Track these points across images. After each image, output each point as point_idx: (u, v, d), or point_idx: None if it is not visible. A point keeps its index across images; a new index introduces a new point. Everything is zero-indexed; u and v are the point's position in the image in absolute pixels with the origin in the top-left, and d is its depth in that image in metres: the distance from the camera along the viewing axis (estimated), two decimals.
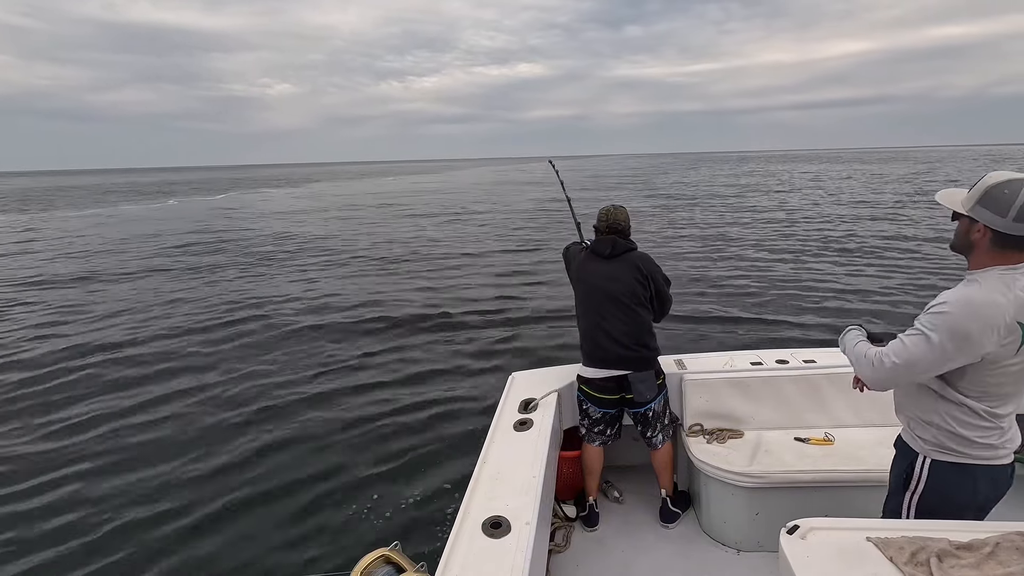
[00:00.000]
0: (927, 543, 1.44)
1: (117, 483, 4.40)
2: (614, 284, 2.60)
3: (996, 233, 1.45)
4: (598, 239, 2.72)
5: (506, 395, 2.72)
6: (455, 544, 1.66)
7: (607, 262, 2.64)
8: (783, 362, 2.89)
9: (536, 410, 2.53)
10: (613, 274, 2.62)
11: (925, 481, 1.65)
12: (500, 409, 2.57)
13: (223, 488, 4.26)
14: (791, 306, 8.28)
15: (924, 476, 1.65)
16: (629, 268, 2.61)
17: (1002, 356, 1.46)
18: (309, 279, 11.73)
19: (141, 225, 23.28)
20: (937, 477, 1.63)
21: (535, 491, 1.90)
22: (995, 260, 1.48)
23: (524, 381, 2.87)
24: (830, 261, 11.41)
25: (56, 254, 16.08)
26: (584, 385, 2.71)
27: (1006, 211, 1.42)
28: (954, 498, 1.62)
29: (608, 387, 2.65)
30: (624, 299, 2.58)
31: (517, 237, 16.58)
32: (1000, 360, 1.47)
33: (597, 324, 2.62)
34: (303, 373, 6.56)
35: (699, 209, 22.45)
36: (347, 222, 22.60)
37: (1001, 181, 1.45)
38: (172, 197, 42.04)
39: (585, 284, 2.69)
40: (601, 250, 2.66)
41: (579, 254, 2.79)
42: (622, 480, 3.08)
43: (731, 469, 2.46)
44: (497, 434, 2.34)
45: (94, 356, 7.23)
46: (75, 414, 5.61)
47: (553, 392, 2.69)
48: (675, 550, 2.60)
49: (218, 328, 8.30)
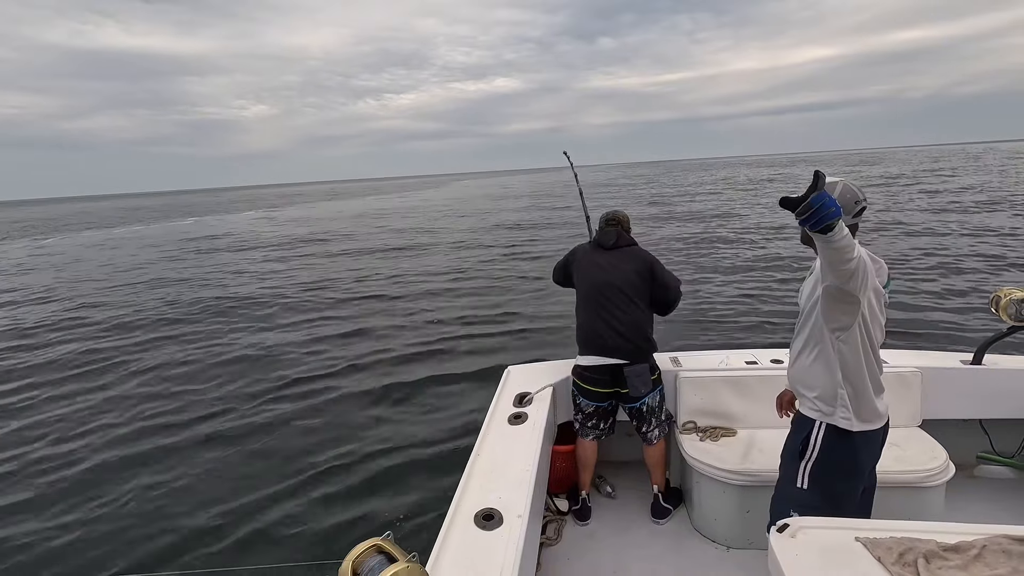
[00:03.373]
0: (915, 544, 1.46)
1: (109, 476, 4.41)
2: (615, 274, 2.64)
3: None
4: (602, 231, 2.79)
5: (501, 389, 2.73)
6: (447, 535, 1.67)
7: (609, 252, 2.70)
8: (778, 361, 2.90)
9: (531, 404, 2.54)
10: (614, 264, 2.66)
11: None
12: (495, 402, 2.58)
13: (214, 479, 4.27)
14: (788, 306, 8.30)
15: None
16: (630, 260, 2.66)
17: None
18: (303, 274, 11.71)
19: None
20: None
21: (528, 484, 1.91)
22: None
23: (519, 375, 2.88)
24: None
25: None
26: (578, 377, 2.72)
27: None
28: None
29: (602, 380, 2.66)
30: (624, 289, 2.61)
31: (509, 237, 16.54)
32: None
33: (595, 313, 2.64)
34: (295, 367, 6.57)
35: (693, 205, 22.43)
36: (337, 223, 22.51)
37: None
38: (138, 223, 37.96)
39: (587, 275, 2.73)
40: (604, 241, 2.72)
41: (580, 246, 2.86)
42: (615, 475, 3.10)
43: (723, 467, 2.47)
44: (491, 427, 2.35)
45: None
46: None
47: (548, 386, 2.70)
48: (666, 546, 2.61)
49: (200, 327, 8.27)
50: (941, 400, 2.77)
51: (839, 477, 1.84)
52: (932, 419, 2.74)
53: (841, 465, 1.83)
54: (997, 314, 2.65)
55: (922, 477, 2.32)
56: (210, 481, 4.21)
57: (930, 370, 2.74)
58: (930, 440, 2.54)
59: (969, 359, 2.85)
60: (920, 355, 2.95)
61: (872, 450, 1.86)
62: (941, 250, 11.32)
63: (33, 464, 4.60)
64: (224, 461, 4.48)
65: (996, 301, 2.65)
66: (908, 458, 2.38)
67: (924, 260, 10.38)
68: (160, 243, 21.94)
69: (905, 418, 2.67)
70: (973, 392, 2.80)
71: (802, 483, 1.87)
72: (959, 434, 2.82)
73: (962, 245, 11.63)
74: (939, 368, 2.79)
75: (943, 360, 2.90)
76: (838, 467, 1.83)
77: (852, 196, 1.72)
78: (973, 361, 2.83)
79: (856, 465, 1.83)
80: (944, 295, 8.15)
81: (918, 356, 2.92)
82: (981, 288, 8.26)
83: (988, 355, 2.84)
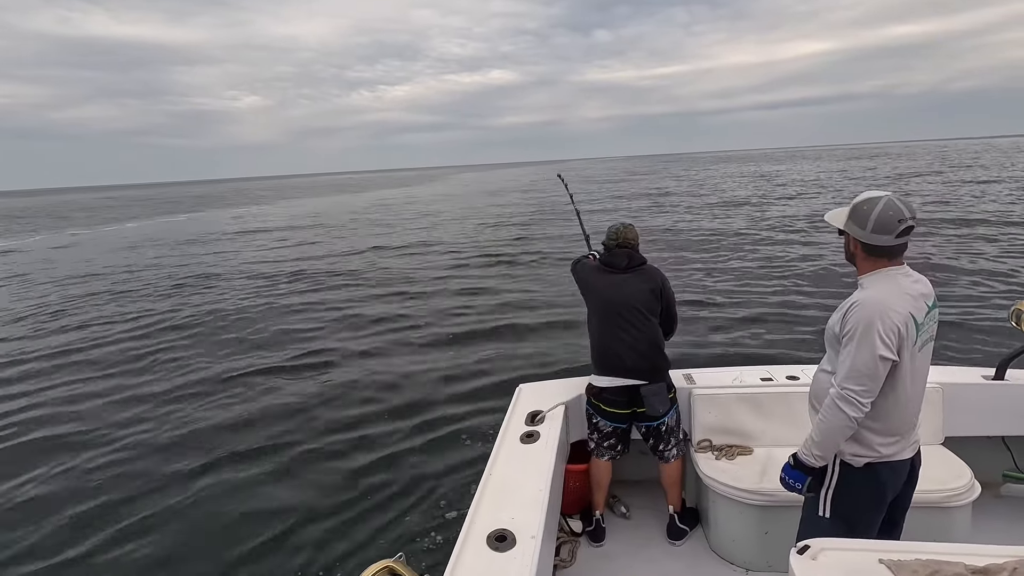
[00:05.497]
0: (941, 567, 1.41)
1: (111, 483, 4.43)
2: (630, 295, 2.62)
3: (863, 244, 1.69)
4: (612, 252, 2.73)
5: (513, 407, 2.71)
6: (460, 557, 1.65)
7: (622, 274, 2.67)
8: (794, 378, 2.86)
9: (543, 423, 2.52)
10: (629, 285, 2.64)
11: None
12: (507, 421, 2.56)
13: (223, 501, 4.26)
14: (802, 320, 8.20)
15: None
16: (644, 280, 2.65)
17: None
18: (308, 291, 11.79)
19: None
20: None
21: (541, 505, 1.88)
22: (873, 266, 1.71)
23: (531, 393, 2.86)
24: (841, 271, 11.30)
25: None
26: (595, 398, 2.70)
27: (865, 224, 1.66)
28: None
29: (619, 401, 2.63)
30: (641, 308, 2.60)
31: (516, 246, 16.55)
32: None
33: (612, 334, 2.62)
34: (304, 385, 6.58)
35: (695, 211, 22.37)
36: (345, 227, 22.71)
37: (863, 199, 1.69)
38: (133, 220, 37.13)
39: (600, 295, 2.70)
40: (617, 263, 2.68)
41: (589, 266, 2.81)
42: (629, 495, 3.05)
43: (740, 486, 2.43)
44: (503, 446, 2.33)
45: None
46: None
47: (560, 404, 2.67)
48: (682, 568, 2.56)
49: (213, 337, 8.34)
50: (964, 417, 2.70)
51: (861, 506, 1.79)
52: (955, 436, 2.67)
53: (862, 494, 1.78)
54: (1018, 327, 2.60)
55: (947, 496, 2.26)
56: (216, 505, 4.20)
57: (952, 386, 2.68)
58: (954, 458, 2.48)
59: (991, 374, 2.79)
60: (941, 371, 2.88)
61: (896, 479, 1.80)
62: (959, 257, 11.16)
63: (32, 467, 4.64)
64: (230, 484, 4.46)
65: (1017, 315, 2.60)
66: (932, 477, 2.32)
67: (943, 271, 10.22)
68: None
69: (927, 436, 2.61)
70: (996, 408, 2.73)
71: (824, 511, 1.82)
72: (982, 452, 2.75)
73: (979, 252, 11.45)
74: (961, 384, 2.73)
75: (965, 376, 2.84)
76: (859, 496, 1.78)
77: (895, 214, 1.61)
78: (995, 376, 2.77)
79: (876, 495, 1.78)
80: (964, 307, 8.01)
81: (939, 372, 2.86)
82: (1002, 301, 8.11)
83: (1011, 370, 2.78)
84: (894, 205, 1.63)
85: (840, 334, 1.70)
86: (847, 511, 1.79)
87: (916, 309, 1.66)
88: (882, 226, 1.63)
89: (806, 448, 1.77)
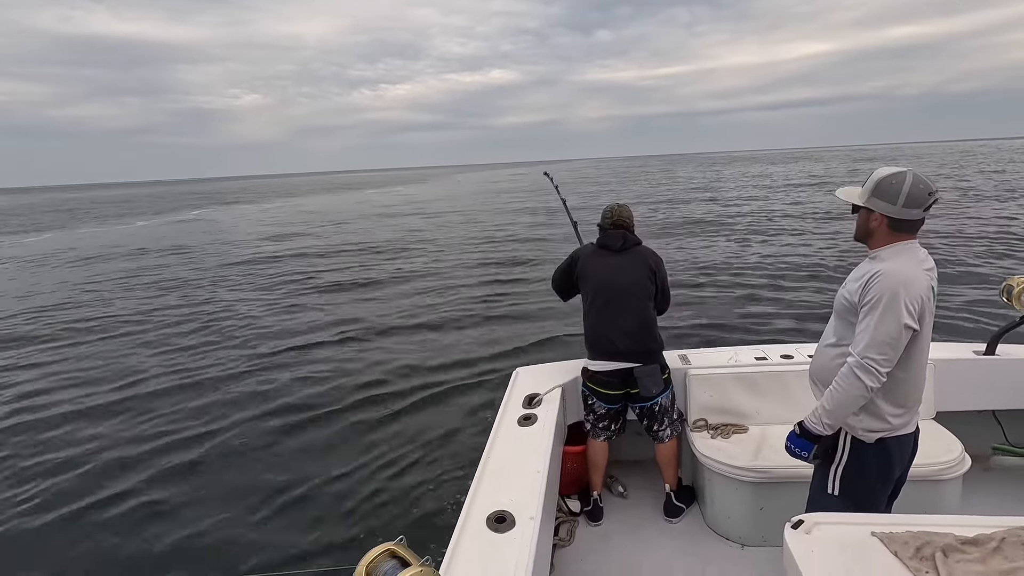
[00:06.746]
0: (932, 538, 1.44)
1: (116, 473, 4.44)
2: (624, 277, 2.61)
3: (891, 219, 1.67)
4: (607, 233, 2.72)
5: (510, 390, 2.72)
6: (460, 538, 1.67)
7: (617, 255, 2.66)
8: (788, 357, 2.88)
9: (540, 405, 2.53)
10: (623, 267, 2.63)
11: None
12: (504, 404, 2.58)
13: (225, 483, 4.30)
14: (795, 300, 8.25)
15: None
16: (639, 261, 2.64)
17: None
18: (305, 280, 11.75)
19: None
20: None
21: (539, 486, 1.90)
22: (895, 239, 1.70)
23: (528, 376, 2.87)
24: (835, 253, 11.36)
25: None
26: (590, 380, 2.71)
27: (895, 199, 1.63)
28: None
29: (613, 382, 2.65)
30: (635, 291, 2.60)
31: (516, 236, 16.52)
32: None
33: (606, 317, 2.62)
34: (306, 370, 6.59)
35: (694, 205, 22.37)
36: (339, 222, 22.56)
37: (889, 174, 1.66)
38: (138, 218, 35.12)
39: (594, 278, 2.69)
40: (611, 243, 2.67)
41: (585, 252, 2.78)
42: (626, 475, 3.09)
43: (735, 464, 2.46)
44: (501, 429, 2.34)
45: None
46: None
47: (557, 387, 2.69)
48: (679, 545, 2.60)
49: (213, 334, 8.31)
50: (955, 392, 2.74)
51: (871, 483, 1.80)
52: (946, 411, 2.71)
53: (872, 470, 1.79)
54: (1009, 303, 2.62)
55: (938, 470, 2.29)
56: (219, 492, 4.22)
57: (943, 362, 2.71)
58: (945, 432, 2.51)
59: (982, 350, 2.82)
60: (933, 346, 2.91)
61: (903, 454, 1.82)
62: (948, 237, 11.21)
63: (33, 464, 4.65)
64: (232, 471, 4.48)
65: (1008, 290, 2.62)
66: (923, 451, 2.35)
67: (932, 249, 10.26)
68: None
69: (919, 411, 2.65)
70: (987, 383, 2.77)
71: (833, 489, 1.83)
72: (973, 426, 2.79)
73: (970, 232, 11.51)
74: (952, 359, 2.76)
75: (956, 351, 2.87)
76: (869, 472, 1.79)
77: (925, 188, 1.62)
78: (986, 352, 2.80)
79: (886, 470, 1.79)
80: (955, 284, 8.07)
81: (931, 347, 2.89)
82: (991, 276, 8.17)
83: (1001, 345, 2.81)
84: (922, 179, 1.63)
85: (860, 304, 1.67)
86: (857, 488, 1.81)
87: (932, 282, 1.68)
88: (914, 200, 1.62)
89: (815, 417, 1.76)
